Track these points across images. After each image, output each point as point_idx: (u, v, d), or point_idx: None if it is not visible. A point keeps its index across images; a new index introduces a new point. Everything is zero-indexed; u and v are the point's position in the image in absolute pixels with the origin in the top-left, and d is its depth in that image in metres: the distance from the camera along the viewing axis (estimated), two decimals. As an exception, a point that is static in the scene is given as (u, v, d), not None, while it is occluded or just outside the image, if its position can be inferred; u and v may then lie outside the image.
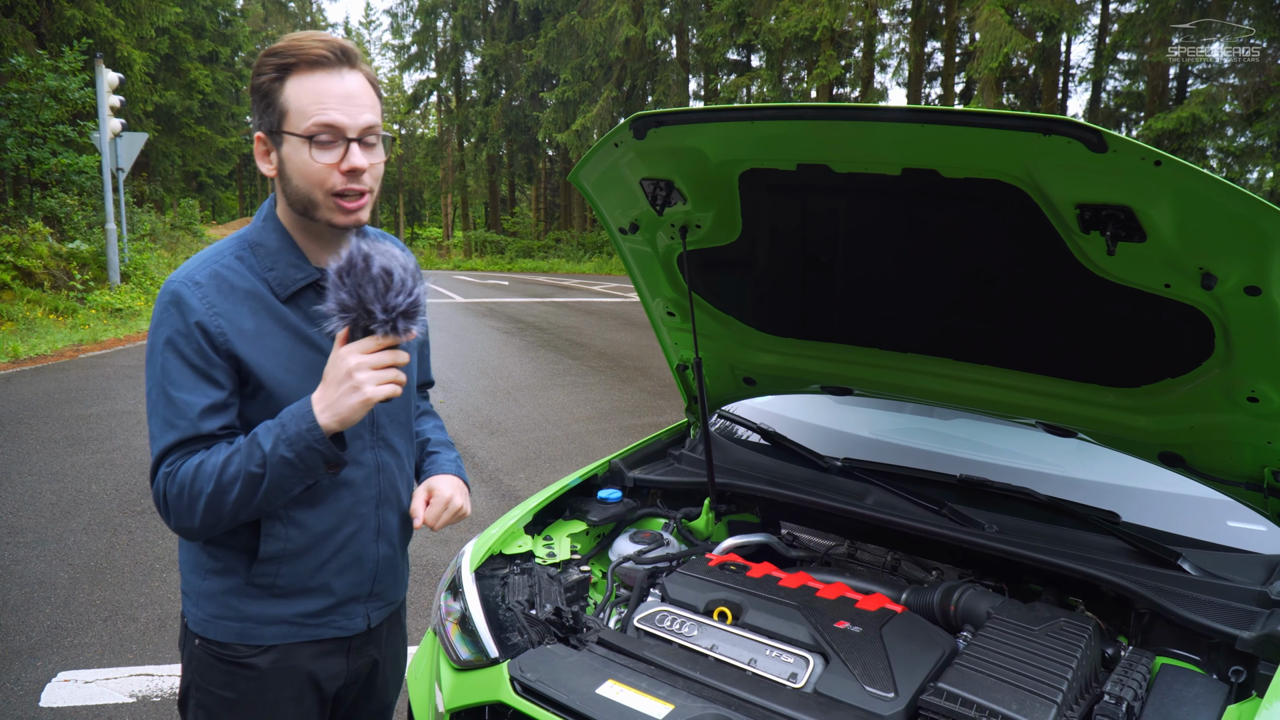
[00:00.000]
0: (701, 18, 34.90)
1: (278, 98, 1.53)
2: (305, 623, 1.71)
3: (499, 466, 7.11)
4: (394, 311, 1.48)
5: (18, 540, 5.33)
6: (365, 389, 1.49)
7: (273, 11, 57.40)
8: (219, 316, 1.55)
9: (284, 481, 1.52)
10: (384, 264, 1.46)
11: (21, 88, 18.12)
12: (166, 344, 1.54)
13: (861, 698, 1.69)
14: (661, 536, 2.51)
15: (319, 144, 1.52)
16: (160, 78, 31.25)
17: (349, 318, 1.48)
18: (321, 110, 1.51)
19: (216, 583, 1.67)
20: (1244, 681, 1.76)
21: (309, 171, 1.54)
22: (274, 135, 1.56)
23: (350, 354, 1.49)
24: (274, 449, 1.49)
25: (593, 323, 17.31)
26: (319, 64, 1.52)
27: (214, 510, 1.51)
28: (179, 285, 1.55)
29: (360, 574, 1.76)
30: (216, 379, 1.55)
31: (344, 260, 1.47)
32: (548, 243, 45.42)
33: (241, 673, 1.69)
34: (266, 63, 1.54)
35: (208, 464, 1.51)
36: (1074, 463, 2.50)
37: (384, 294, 1.46)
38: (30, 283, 16.21)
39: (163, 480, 1.54)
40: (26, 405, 9.00)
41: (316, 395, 1.52)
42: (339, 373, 1.50)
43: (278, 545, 1.64)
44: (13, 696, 3.63)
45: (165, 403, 1.54)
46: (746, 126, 1.96)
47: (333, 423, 1.50)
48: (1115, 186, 1.58)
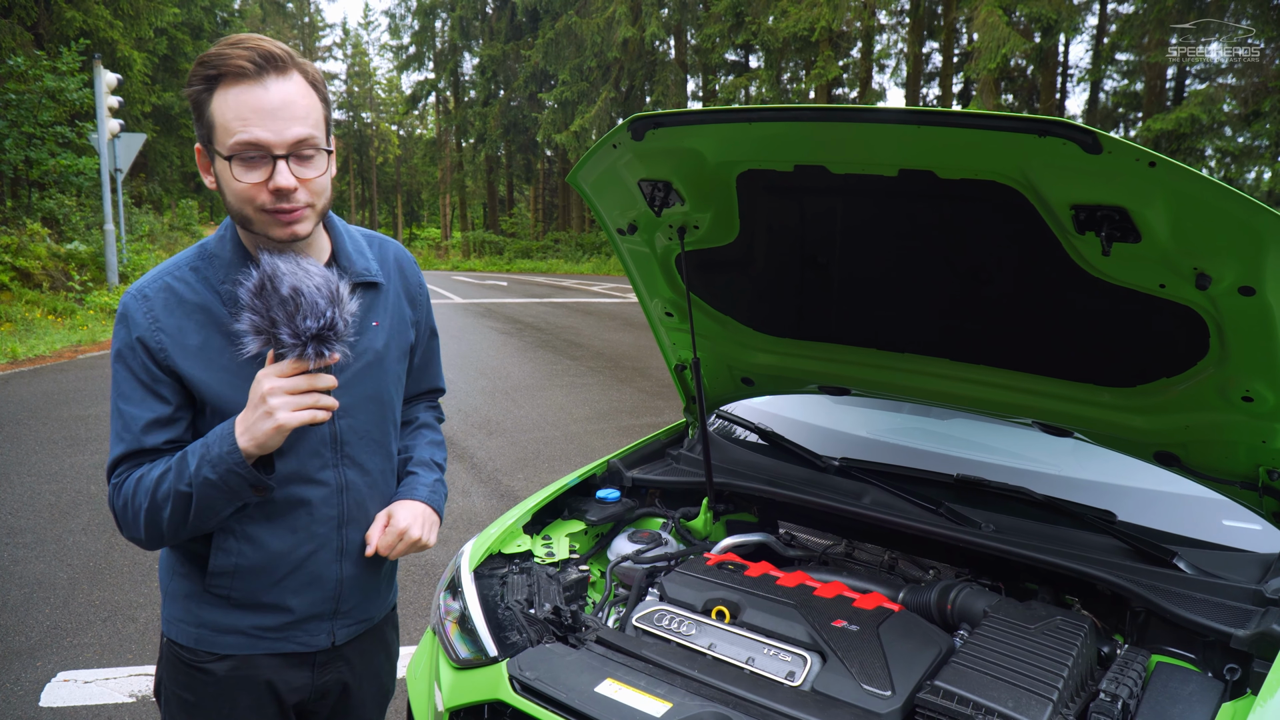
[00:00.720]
0: (700, 18, 34.93)
1: (205, 111, 1.45)
2: (262, 635, 1.68)
3: (498, 467, 7.11)
4: (304, 335, 1.40)
5: (17, 541, 5.33)
6: (278, 415, 1.42)
7: (271, 12, 57.39)
8: (160, 332, 1.52)
9: (211, 502, 1.48)
10: (293, 284, 1.39)
11: (20, 88, 18.12)
12: (116, 356, 1.56)
13: (859, 696, 1.69)
14: (660, 536, 2.52)
15: (243, 162, 1.43)
16: (158, 78, 31.18)
17: (262, 339, 1.42)
18: (243, 127, 1.41)
19: (180, 585, 1.68)
20: (1239, 679, 1.77)
21: (236, 190, 1.45)
22: (209, 149, 1.48)
23: (266, 377, 1.44)
24: (198, 469, 1.46)
25: (591, 323, 17.31)
26: (241, 76, 1.41)
27: (153, 525, 1.52)
28: (128, 298, 1.55)
29: (320, 593, 1.71)
30: (162, 394, 1.54)
31: (254, 279, 1.41)
32: (546, 243, 45.45)
33: (200, 677, 1.68)
34: (195, 73, 1.45)
35: (146, 479, 1.51)
36: (1070, 462, 2.51)
37: (292, 317, 1.40)
38: (29, 284, 16.21)
39: (112, 492, 1.56)
40: (25, 406, 9.00)
41: (239, 418, 1.47)
42: (255, 396, 1.45)
43: (229, 560, 1.62)
44: (12, 696, 3.63)
45: (116, 415, 1.56)
46: (744, 128, 1.96)
47: (251, 446, 1.45)
48: (1110, 187, 1.59)
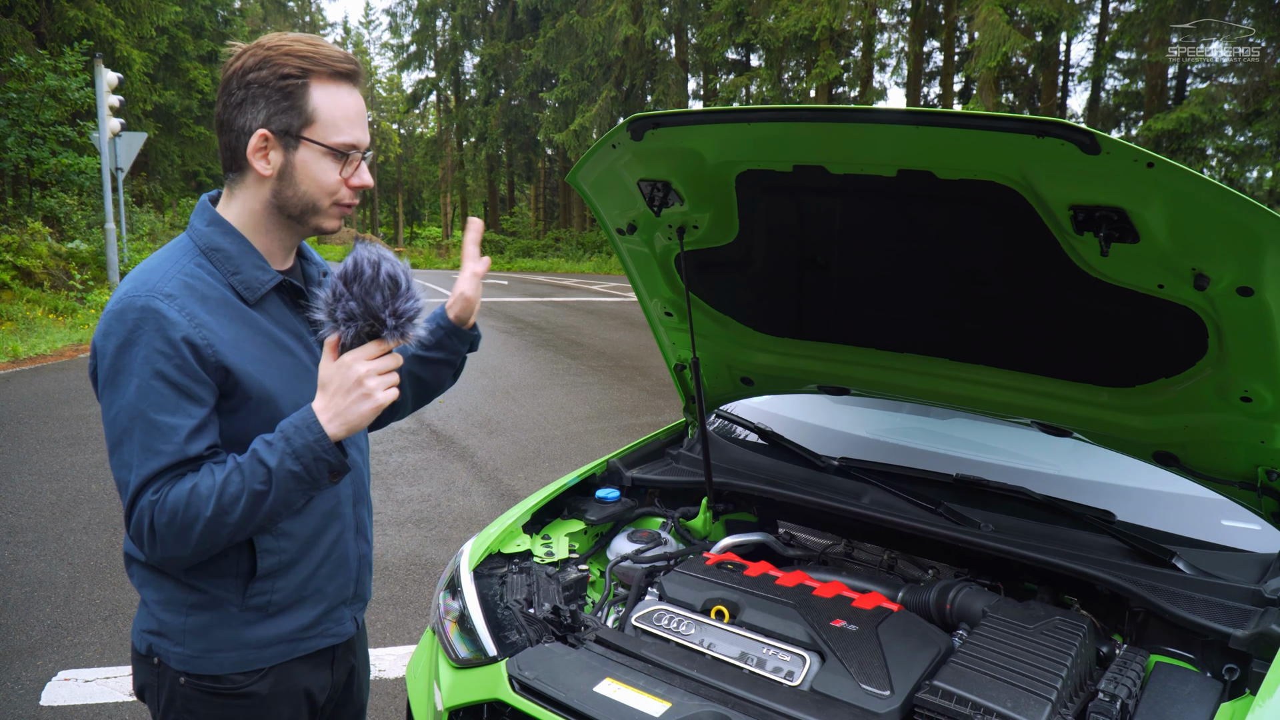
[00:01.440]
0: (700, 17, 34.92)
1: (303, 101, 1.48)
2: (301, 637, 1.68)
3: (498, 466, 7.12)
4: (403, 317, 1.46)
5: (18, 540, 5.33)
6: (377, 395, 1.47)
7: (271, 11, 57.33)
8: (202, 328, 1.47)
9: (289, 496, 1.47)
10: (390, 270, 1.45)
11: (21, 87, 18.13)
12: (145, 363, 1.43)
13: (858, 695, 1.70)
14: (659, 535, 2.52)
15: (340, 159, 1.52)
16: (159, 77, 31.24)
17: (356, 325, 1.46)
18: (350, 128, 1.52)
19: (203, 617, 1.59)
20: (1237, 679, 1.77)
21: (325, 181, 1.52)
22: (288, 137, 1.50)
23: (358, 361, 1.47)
24: (281, 464, 1.45)
25: (592, 322, 17.32)
26: (347, 77, 1.52)
27: (211, 534, 1.44)
28: (150, 299, 1.45)
29: (346, 575, 1.74)
30: (201, 397, 1.47)
31: (349, 267, 1.44)
32: (547, 242, 45.45)
33: (240, 703, 1.63)
34: (288, 61, 1.47)
35: (201, 486, 1.43)
36: (1069, 462, 2.51)
37: (392, 300, 1.45)
38: (30, 282, 16.22)
39: (148, 509, 1.44)
40: (26, 405, 9.01)
41: (319, 405, 1.48)
42: (347, 381, 1.46)
43: (274, 560, 1.60)
44: (13, 695, 3.64)
45: (145, 427, 1.44)
46: (743, 128, 1.97)
47: (341, 431, 1.48)
48: (1108, 188, 1.59)
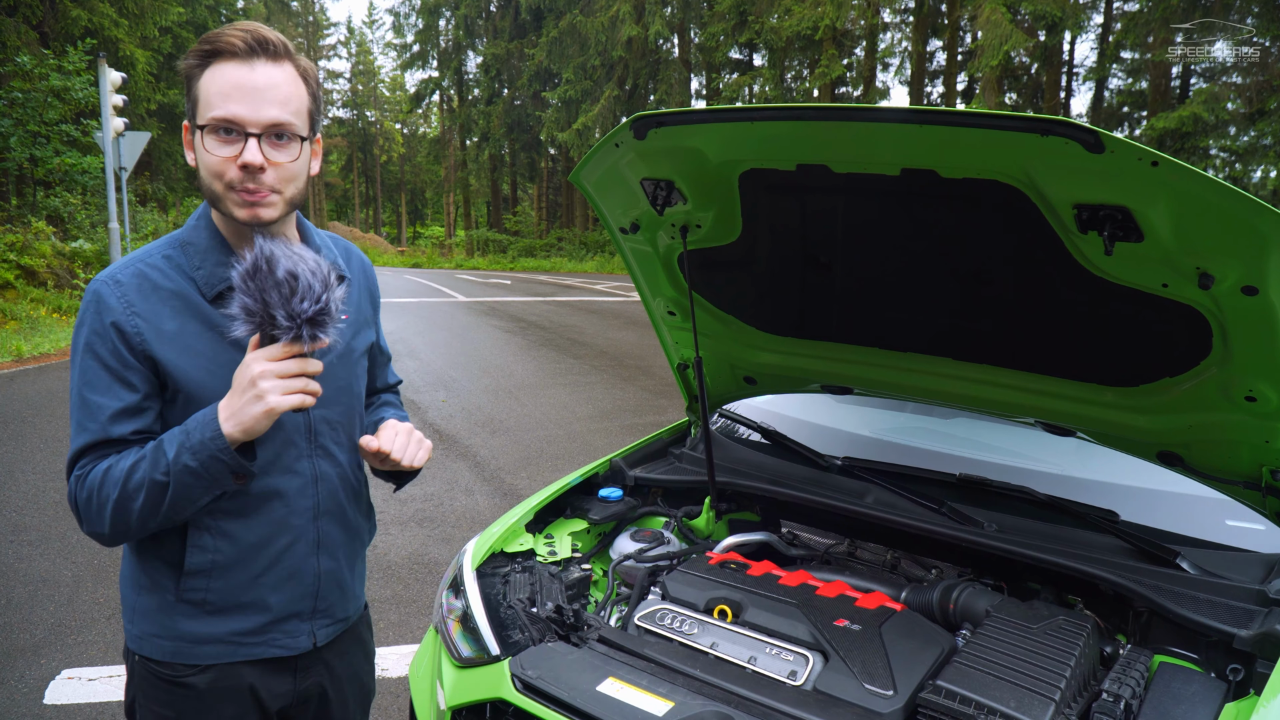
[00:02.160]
0: (703, 17, 34.93)
1: (194, 85, 1.48)
2: (242, 641, 1.64)
3: (501, 465, 7.12)
4: (299, 318, 1.40)
5: (21, 538, 5.34)
6: (269, 398, 1.41)
7: (275, 10, 57.40)
8: (136, 316, 1.48)
9: (189, 491, 1.45)
10: (289, 267, 1.39)
11: (25, 87, 18.17)
12: (85, 344, 1.49)
13: (861, 695, 1.69)
14: (662, 535, 2.52)
15: (217, 136, 1.46)
16: (163, 77, 31.24)
17: (254, 322, 1.41)
18: (223, 102, 1.45)
19: (148, 599, 1.61)
20: (1242, 680, 1.76)
21: (207, 162, 1.48)
22: (194, 127, 1.50)
23: (256, 360, 1.42)
24: (177, 457, 1.43)
25: (594, 322, 17.32)
26: (232, 54, 1.46)
27: (121, 517, 1.46)
28: (99, 284, 1.50)
29: (299, 589, 1.68)
30: (131, 381, 1.49)
31: (248, 262, 1.40)
32: (550, 242, 45.44)
33: (180, 691, 1.63)
34: (193, 50, 1.49)
35: (115, 469, 1.45)
36: (1073, 462, 2.51)
37: (288, 299, 1.39)
38: (34, 281, 16.25)
39: (74, 484, 1.49)
40: (30, 404, 9.02)
41: (223, 403, 1.45)
42: (244, 380, 1.43)
43: (205, 558, 1.57)
44: (17, 694, 3.64)
45: (80, 404, 1.49)
46: (746, 127, 1.96)
47: (236, 432, 1.43)
48: (1112, 187, 1.59)
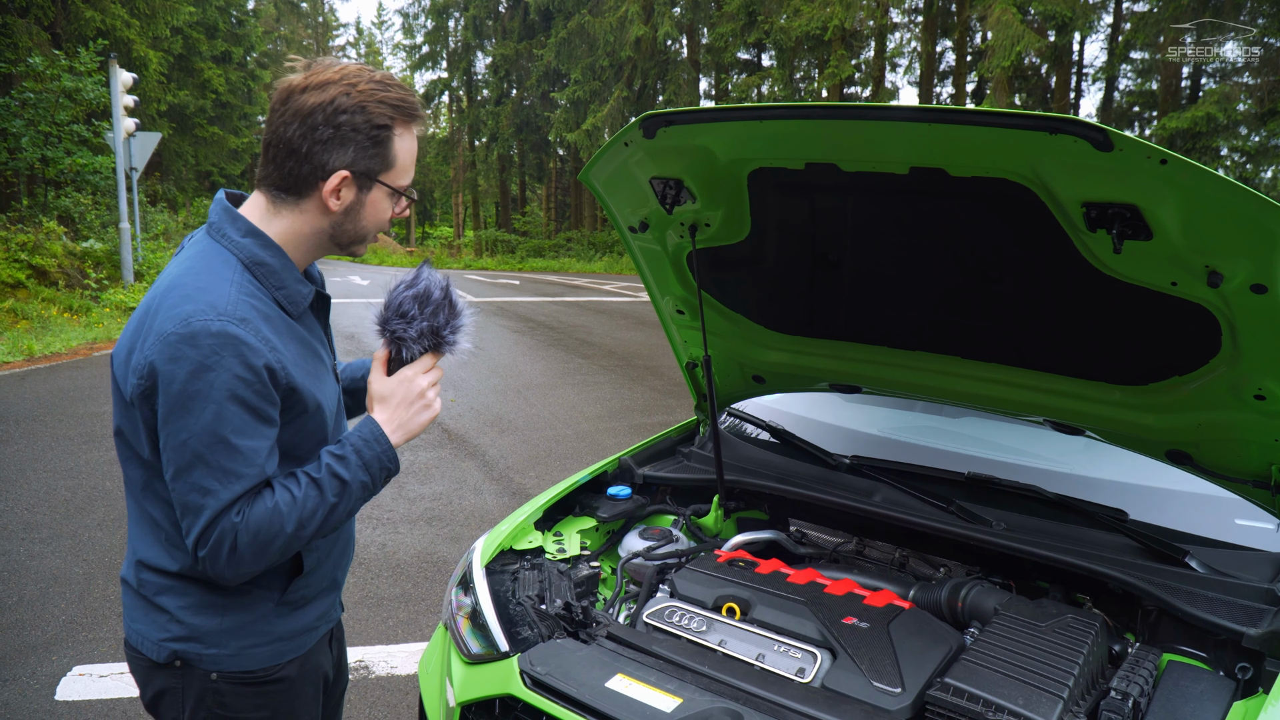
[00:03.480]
0: (712, 17, 34.87)
1: (389, 147, 1.53)
2: (316, 625, 1.76)
3: (510, 464, 7.13)
4: (459, 333, 1.63)
5: (33, 536, 5.37)
6: (435, 405, 1.64)
7: (285, 12, 57.59)
8: (276, 351, 1.48)
9: (356, 505, 1.58)
10: (451, 294, 1.62)
11: (37, 88, 18.26)
12: (225, 389, 1.41)
13: (869, 693, 1.70)
14: (671, 533, 2.53)
15: (395, 198, 1.60)
16: (174, 77, 31.41)
17: (424, 344, 1.61)
18: (412, 170, 1.61)
19: (240, 616, 1.61)
20: (1250, 678, 1.77)
21: (383, 218, 1.60)
22: (365, 178, 1.53)
23: (418, 376, 1.62)
24: (354, 477, 1.54)
25: (603, 322, 17.32)
26: (418, 122, 1.59)
27: (288, 548, 1.50)
28: (228, 324, 1.42)
29: (348, 559, 1.85)
30: (273, 418, 1.50)
31: (420, 289, 1.59)
32: (558, 242, 45.42)
33: (274, 688, 1.69)
34: (382, 110, 1.50)
35: (281, 504, 1.47)
36: (1082, 460, 2.51)
37: (451, 319, 1.62)
38: (45, 281, 16.32)
39: (231, 530, 1.44)
40: (41, 403, 9.07)
41: (383, 418, 1.60)
42: (411, 394, 1.61)
43: (314, 557, 1.69)
44: (28, 690, 3.66)
45: (226, 452, 1.43)
46: (755, 126, 1.97)
47: (403, 440, 1.61)
48: (1121, 185, 1.59)
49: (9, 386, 9.97)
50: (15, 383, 10.22)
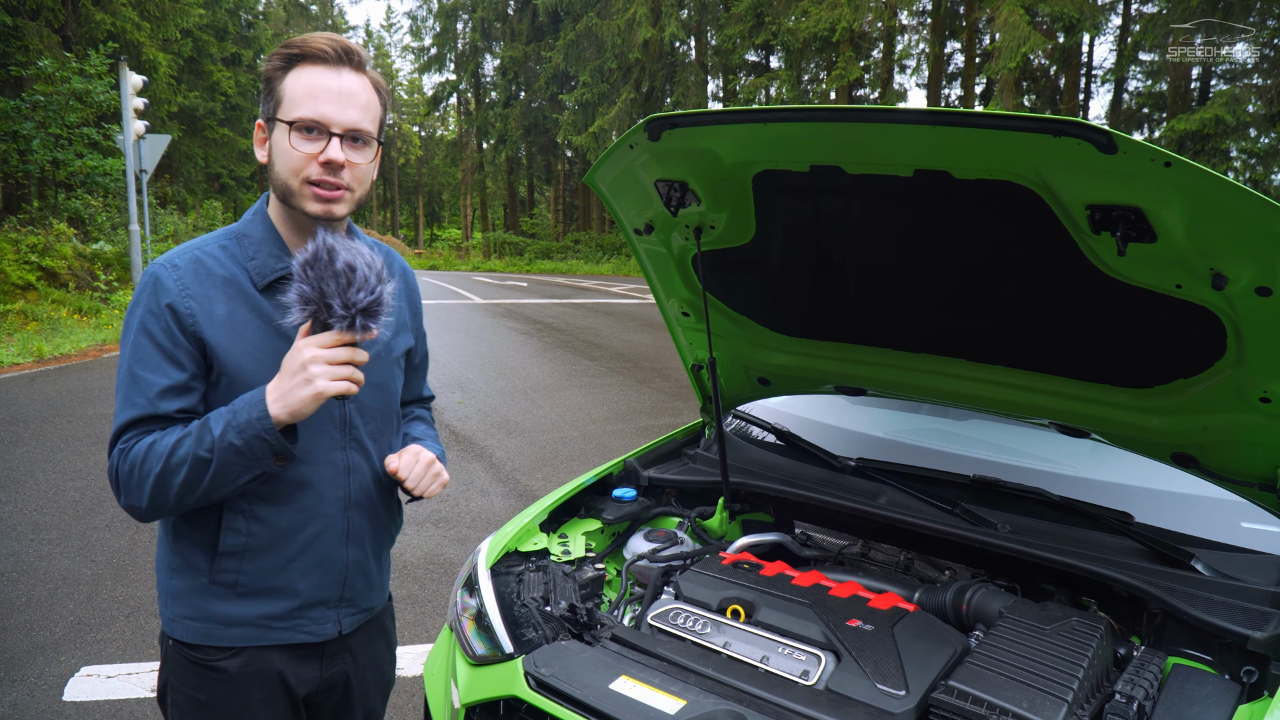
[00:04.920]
0: (720, 19, 34.91)
1: (278, 86, 1.59)
2: (270, 625, 1.69)
3: (516, 466, 7.14)
4: (354, 308, 1.48)
5: (42, 537, 5.40)
6: (318, 382, 1.49)
7: (294, 14, 57.73)
8: (190, 299, 1.57)
9: (230, 469, 1.51)
10: (348, 259, 1.48)
11: (47, 90, 18.36)
12: (139, 322, 1.57)
13: (873, 695, 1.70)
14: (676, 535, 2.53)
15: (302, 133, 1.57)
16: (183, 79, 31.53)
17: (309, 310, 1.49)
18: (311, 102, 1.56)
19: (181, 581, 1.67)
20: (1256, 682, 1.76)
21: (289, 158, 1.58)
22: (270, 122, 1.61)
23: (307, 346, 1.50)
24: (223, 435, 1.50)
25: (610, 324, 17.33)
26: (320, 59, 1.58)
27: (160, 491, 1.52)
28: (158, 267, 1.60)
29: (327, 576, 1.74)
30: (180, 360, 1.57)
31: (308, 252, 1.48)
32: (566, 244, 45.48)
33: (211, 675, 1.68)
34: (277, 53, 1.60)
35: (159, 444, 1.52)
36: (1087, 463, 2.50)
37: (345, 289, 1.48)
38: (55, 283, 16.42)
39: (117, 456, 1.56)
40: (50, 404, 9.11)
41: (271, 385, 1.53)
42: (294, 364, 1.50)
43: (238, 540, 1.64)
44: (36, 691, 3.68)
45: (129, 380, 1.57)
46: (760, 128, 1.97)
47: (283, 414, 1.50)
48: (1125, 187, 1.59)
49: (19, 388, 10.02)
50: (25, 384, 10.27)
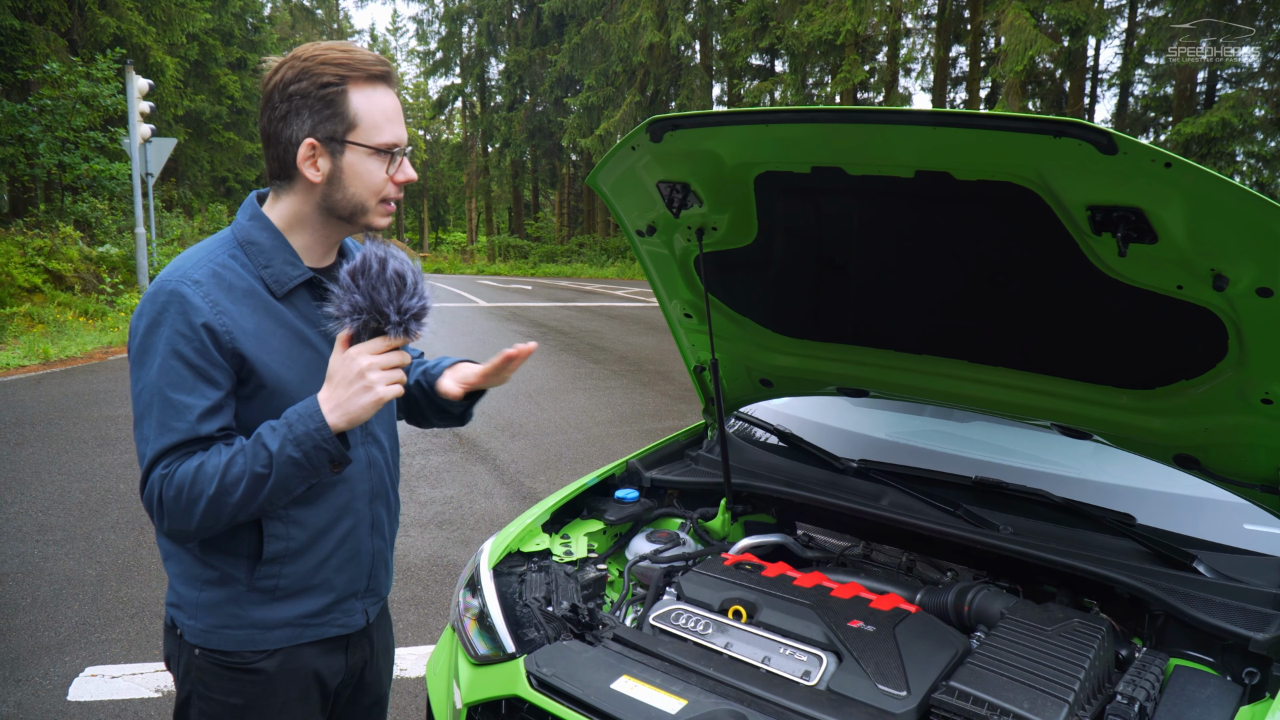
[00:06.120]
0: (725, 22, 34.92)
1: (343, 107, 1.55)
2: (308, 623, 1.73)
3: (520, 469, 7.15)
4: (407, 314, 1.53)
5: (47, 538, 5.42)
6: (378, 389, 1.52)
7: (300, 19, 57.92)
8: (224, 315, 1.54)
9: (288, 481, 1.52)
10: (397, 267, 1.51)
11: (54, 94, 18.44)
12: (167, 344, 1.52)
13: (874, 695, 1.70)
14: (678, 536, 2.53)
15: (384, 157, 1.59)
16: (189, 83, 31.61)
17: (361, 319, 1.52)
18: (390, 126, 1.59)
19: (215, 593, 1.66)
20: (1257, 683, 1.76)
21: (373, 181, 1.60)
22: (333, 143, 1.57)
23: (361, 354, 1.52)
24: (281, 449, 1.50)
25: (614, 327, 17.34)
26: (381, 80, 1.59)
27: (214, 512, 1.51)
28: (179, 285, 1.54)
29: (358, 569, 1.79)
30: (217, 380, 1.54)
31: (358, 262, 1.50)
32: (571, 247, 45.47)
33: (249, 678, 1.69)
34: (325, 70, 1.54)
35: (208, 465, 1.50)
36: (1089, 465, 2.50)
37: (397, 296, 1.51)
38: (61, 286, 16.46)
39: (158, 482, 1.52)
40: (56, 406, 9.14)
41: (323, 395, 1.54)
42: (350, 373, 1.52)
43: (280, 545, 1.65)
44: (41, 691, 3.69)
45: (163, 405, 1.52)
46: (761, 130, 1.98)
47: (342, 422, 1.52)
48: (1126, 188, 1.59)
49: (25, 390, 10.06)
50: (31, 386, 10.30)
